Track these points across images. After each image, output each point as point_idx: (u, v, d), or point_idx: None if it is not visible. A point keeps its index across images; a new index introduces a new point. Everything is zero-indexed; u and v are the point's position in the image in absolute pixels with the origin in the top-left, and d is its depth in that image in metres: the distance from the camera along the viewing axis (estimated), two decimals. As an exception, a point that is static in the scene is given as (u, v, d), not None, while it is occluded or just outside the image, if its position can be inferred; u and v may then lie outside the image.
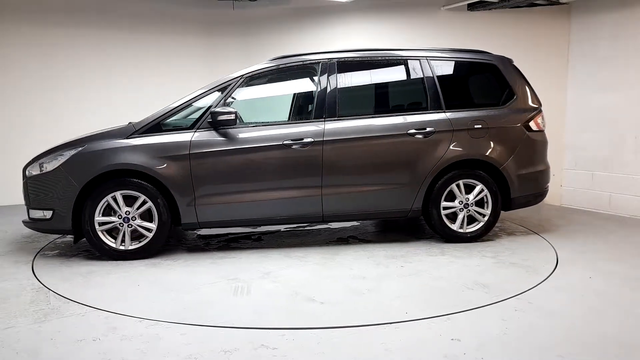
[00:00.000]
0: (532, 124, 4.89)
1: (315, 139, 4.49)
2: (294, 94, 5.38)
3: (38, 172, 4.38)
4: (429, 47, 5.14)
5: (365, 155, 4.62)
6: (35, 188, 4.37)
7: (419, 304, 3.33)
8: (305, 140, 4.49)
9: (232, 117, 4.36)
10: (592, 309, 3.28)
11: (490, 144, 4.76)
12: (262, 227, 5.55)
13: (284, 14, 7.89)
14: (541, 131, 5.00)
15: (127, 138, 4.40)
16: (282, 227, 5.58)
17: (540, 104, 5.04)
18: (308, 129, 4.54)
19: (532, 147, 4.92)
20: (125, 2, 7.53)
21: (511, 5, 6.76)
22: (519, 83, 4.98)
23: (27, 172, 4.48)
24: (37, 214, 4.39)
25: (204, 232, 5.46)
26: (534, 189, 4.97)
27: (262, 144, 4.47)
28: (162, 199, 4.34)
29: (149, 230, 4.37)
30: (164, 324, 3.04)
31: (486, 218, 4.83)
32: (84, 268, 4.17)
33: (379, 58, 4.91)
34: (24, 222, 4.54)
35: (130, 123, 4.62)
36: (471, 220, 4.86)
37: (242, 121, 4.78)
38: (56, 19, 7.15)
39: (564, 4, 6.91)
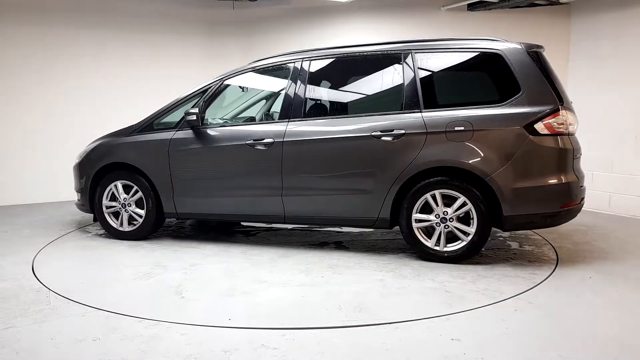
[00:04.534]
0: (539, 126, 3.94)
1: (276, 140, 4.46)
2: (267, 95, 5.45)
3: (78, 161, 5.30)
4: (414, 38, 4.55)
5: (325, 157, 4.36)
6: (75, 174, 5.33)
7: (251, 315, 3.18)
8: (266, 140, 4.48)
9: (194, 117, 4.63)
10: (592, 309, 3.28)
11: (474, 149, 4.01)
12: (274, 223, 5.62)
13: (284, 13, 7.90)
14: (556, 135, 3.98)
15: (127, 136, 5.03)
16: (288, 226, 5.59)
17: (557, 102, 4.01)
18: (272, 129, 4.53)
19: (539, 154, 3.96)
20: (126, 2, 7.53)
21: (511, 5, 6.76)
22: (531, 76, 4.04)
23: (75, 161, 5.40)
24: (77, 195, 5.33)
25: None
26: (541, 207, 3.99)
27: (229, 143, 4.63)
28: (148, 190, 4.87)
29: (140, 216, 4.97)
30: (164, 324, 3.04)
31: (469, 237, 4.07)
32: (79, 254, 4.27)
33: (355, 55, 4.52)
34: (75, 202, 5.44)
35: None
36: (456, 238, 4.17)
37: (223, 121, 4.98)
38: (56, 19, 7.14)
39: (564, 4, 6.91)
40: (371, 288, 3.67)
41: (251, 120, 5.27)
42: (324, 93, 4.76)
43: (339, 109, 4.73)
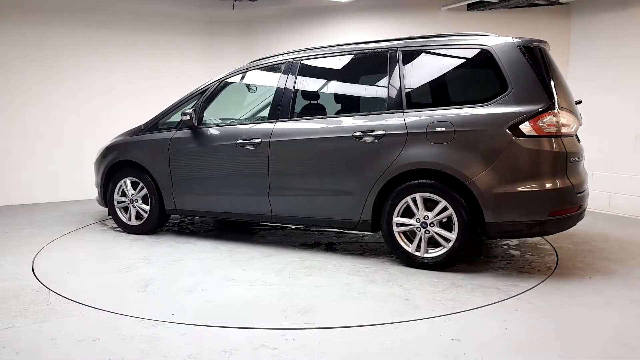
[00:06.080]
0: (525, 127, 3.64)
1: (264, 140, 4.49)
2: (261, 95, 5.47)
3: (96, 158, 5.60)
4: (402, 36, 4.38)
5: (308, 158, 4.31)
6: (94, 171, 5.62)
7: (196, 311, 3.22)
8: (254, 140, 4.53)
9: (188, 117, 4.79)
10: (592, 309, 3.28)
11: (455, 151, 3.78)
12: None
13: (284, 14, 7.90)
14: (545, 137, 3.67)
15: (135, 135, 5.29)
16: (291, 226, 5.59)
17: (548, 101, 3.68)
18: (260, 129, 4.56)
19: (524, 157, 3.67)
20: (126, 2, 7.54)
21: (511, 5, 6.76)
22: (521, 73, 3.74)
23: (94, 158, 5.68)
24: (95, 191, 5.64)
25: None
26: (527, 214, 3.69)
27: (222, 142, 4.73)
28: (153, 187, 5.11)
29: (145, 211, 5.22)
30: (164, 324, 3.04)
31: (450, 244, 3.88)
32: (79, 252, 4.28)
33: (343, 54, 4.47)
34: (95, 198, 5.75)
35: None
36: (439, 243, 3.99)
37: (215, 122, 5.03)
38: (56, 19, 7.15)
39: (564, 4, 6.91)
40: (332, 291, 3.59)
41: (244, 120, 5.30)
42: (311, 93, 4.73)
43: (326, 109, 4.69)
